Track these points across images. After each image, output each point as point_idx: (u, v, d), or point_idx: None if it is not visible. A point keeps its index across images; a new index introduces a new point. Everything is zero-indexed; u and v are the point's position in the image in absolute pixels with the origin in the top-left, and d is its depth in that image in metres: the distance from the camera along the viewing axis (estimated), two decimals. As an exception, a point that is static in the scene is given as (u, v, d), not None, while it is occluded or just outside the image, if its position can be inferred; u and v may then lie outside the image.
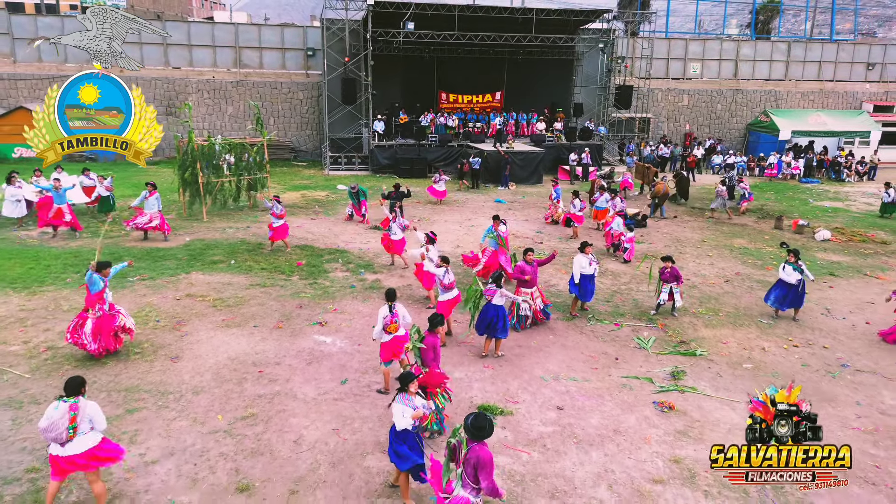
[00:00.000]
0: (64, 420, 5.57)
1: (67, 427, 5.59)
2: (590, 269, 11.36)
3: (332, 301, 11.90)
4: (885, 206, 21.04)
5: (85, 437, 5.69)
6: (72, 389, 5.73)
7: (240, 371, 8.96)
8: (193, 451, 7.01)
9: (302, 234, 16.73)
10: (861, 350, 10.43)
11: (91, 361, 9.01)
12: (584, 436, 7.57)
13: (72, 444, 5.63)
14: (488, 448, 5.20)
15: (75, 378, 5.85)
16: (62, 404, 5.64)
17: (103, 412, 6.03)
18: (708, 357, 9.95)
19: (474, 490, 5.12)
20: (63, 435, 5.58)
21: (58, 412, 5.59)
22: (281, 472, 6.71)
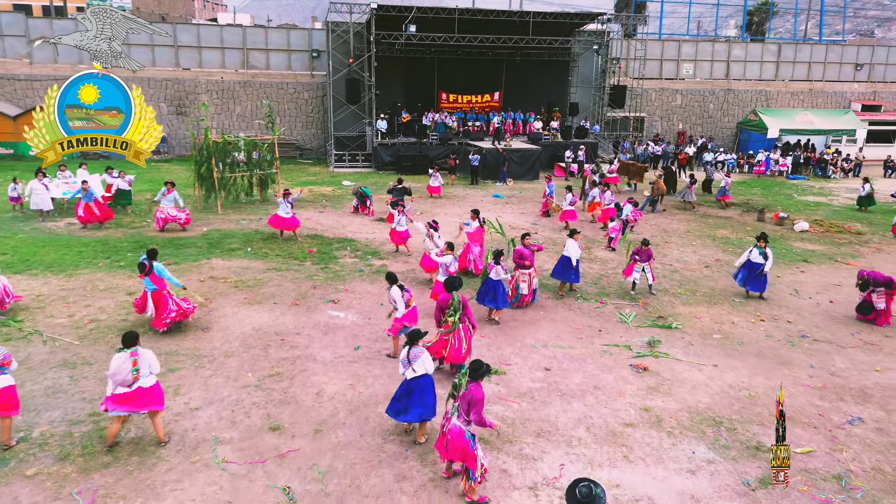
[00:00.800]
0: (127, 365, 6.70)
1: (131, 370, 6.72)
2: (579, 254, 12.50)
3: (343, 283, 13.04)
4: (862, 200, 22.18)
5: (146, 379, 6.82)
6: (130, 341, 6.86)
7: (264, 339, 10.09)
8: (230, 401, 8.14)
9: (312, 226, 17.85)
10: (821, 324, 11.56)
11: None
12: (567, 390, 8.70)
13: (139, 384, 6.76)
14: (482, 389, 6.33)
15: (131, 333, 6.98)
16: (124, 353, 6.76)
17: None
18: (682, 330, 11.08)
19: (466, 421, 6.24)
20: (129, 377, 6.71)
21: (122, 360, 6.71)
22: (306, 416, 7.84)
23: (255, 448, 7.14)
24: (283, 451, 7.07)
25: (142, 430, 7.38)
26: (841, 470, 7.05)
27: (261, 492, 6.38)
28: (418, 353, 7.07)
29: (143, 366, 6.81)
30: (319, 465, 6.83)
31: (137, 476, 6.57)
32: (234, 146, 20.08)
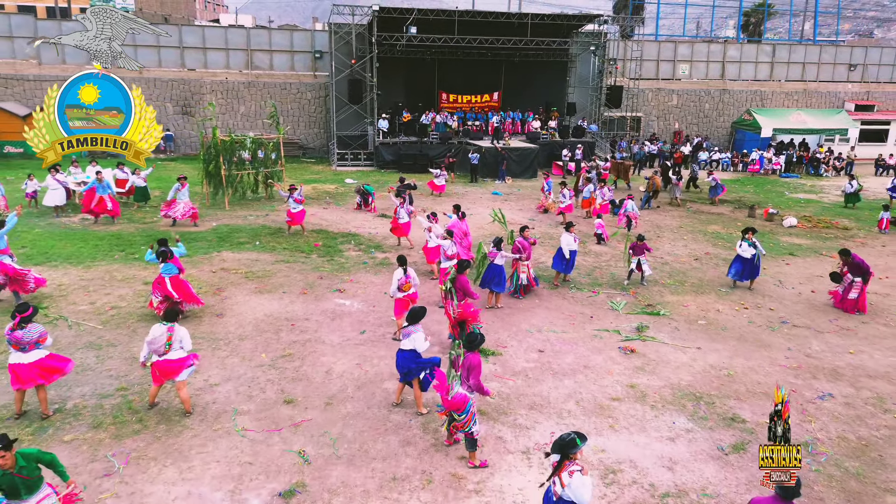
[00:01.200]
0: (163, 337, 7.36)
1: (165, 343, 7.37)
2: (574, 245, 13.16)
3: (348, 274, 13.69)
4: (849, 197, 22.81)
5: (176, 352, 7.47)
6: (170, 317, 7.52)
7: (275, 324, 10.74)
8: (246, 378, 8.78)
9: (316, 221, 18.50)
10: (801, 312, 12.20)
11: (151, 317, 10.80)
12: (559, 369, 9.34)
13: (167, 356, 7.41)
14: (479, 358, 6.98)
15: (173, 309, 7.68)
16: (163, 326, 7.42)
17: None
18: (669, 316, 11.73)
19: (468, 388, 6.89)
20: (161, 349, 7.37)
21: (160, 331, 7.37)
22: (317, 391, 8.49)
23: (271, 418, 7.79)
24: (297, 421, 7.72)
25: (167, 402, 8.02)
26: (808, 438, 7.69)
27: (278, 455, 7.03)
28: (411, 330, 7.74)
29: (176, 341, 7.47)
30: (331, 433, 7.47)
31: (165, 441, 7.21)
32: (242, 145, 20.73)
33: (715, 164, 33.00)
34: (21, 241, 15.24)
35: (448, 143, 29.86)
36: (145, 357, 7.49)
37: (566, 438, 4.97)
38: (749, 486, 6.64)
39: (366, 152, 30.51)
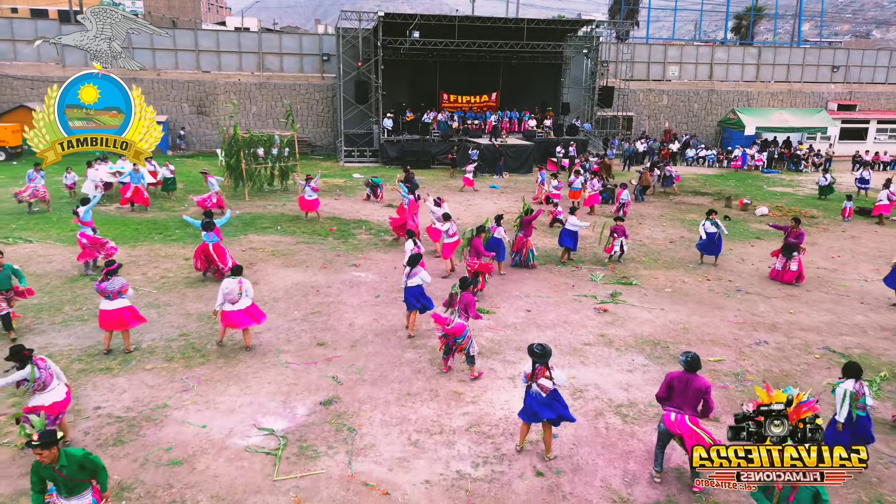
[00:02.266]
0: (235, 287, 9.25)
1: (237, 291, 9.26)
2: (581, 224, 15.09)
3: (362, 252, 15.56)
4: (822, 189, 24.68)
5: (245, 300, 9.37)
6: (237, 271, 9.49)
7: (302, 290, 12.61)
8: (283, 328, 10.65)
9: (329, 210, 20.35)
10: (756, 283, 14.06)
11: (197, 282, 12.67)
12: (542, 323, 11.20)
13: (238, 303, 9.30)
14: (472, 296, 8.87)
15: (238, 266, 9.61)
16: (234, 279, 9.32)
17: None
18: (640, 286, 13.59)
19: (465, 318, 8.77)
20: (235, 297, 9.26)
21: (232, 283, 9.27)
22: (343, 337, 10.35)
23: (307, 355, 9.65)
24: (328, 357, 9.59)
25: (229, 346, 9.89)
26: (740, 370, 9.55)
27: (316, 378, 8.89)
28: (416, 271, 9.76)
29: (245, 290, 9.38)
30: (356, 365, 9.34)
31: (226, 370, 9.08)
32: (259, 141, 22.58)
33: (701, 160, 34.86)
34: (68, 224, 17.13)
35: (449, 141, 31.70)
36: (220, 305, 9.35)
37: (547, 348, 6.85)
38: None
39: (371, 149, 32.37)
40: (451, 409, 8.18)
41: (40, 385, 6.75)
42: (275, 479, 6.60)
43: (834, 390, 7.14)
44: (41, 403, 6.69)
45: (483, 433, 7.62)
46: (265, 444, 7.26)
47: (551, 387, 6.87)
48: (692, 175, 31.14)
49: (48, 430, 5.21)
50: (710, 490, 6.57)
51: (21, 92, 32.78)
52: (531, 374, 6.93)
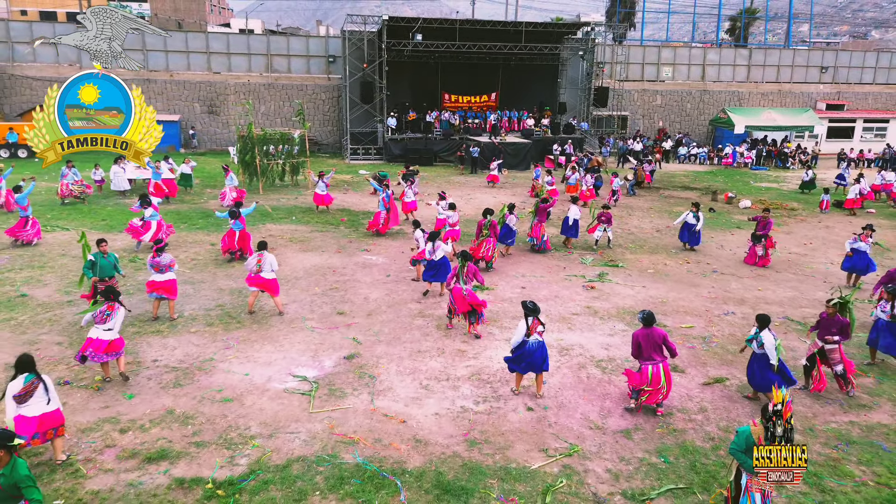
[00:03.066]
0: (254, 261, 10.64)
1: (255, 265, 10.65)
2: (579, 215, 16.52)
3: (372, 239, 16.95)
4: (804, 184, 26.07)
5: (267, 273, 10.75)
6: (261, 246, 10.81)
7: (320, 270, 13.99)
8: (306, 301, 12.03)
9: (339, 203, 21.72)
10: (731, 266, 15.45)
11: (225, 263, 14.06)
12: (536, 298, 12.53)
13: (263, 272, 10.69)
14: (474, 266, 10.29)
15: (263, 241, 10.96)
16: (256, 254, 10.69)
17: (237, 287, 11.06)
18: (625, 268, 14.98)
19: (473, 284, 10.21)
20: (254, 269, 10.66)
21: (254, 259, 10.67)
22: (360, 308, 11.73)
23: (329, 322, 11.04)
24: (348, 323, 10.97)
25: (256, 308, 11.28)
26: (707, 335, 10.93)
27: (339, 340, 10.27)
28: (439, 244, 11.22)
29: (265, 264, 10.76)
30: (373, 329, 10.73)
31: (260, 332, 10.46)
32: (272, 139, 23.99)
33: (693, 157, 36.25)
34: (99, 215, 18.54)
35: (450, 139, 33.12)
36: (250, 268, 10.76)
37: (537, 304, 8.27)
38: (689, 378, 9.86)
39: (376, 147, 33.77)
40: (455, 362, 9.56)
41: (103, 317, 8.27)
42: (311, 411, 7.98)
43: (749, 340, 8.49)
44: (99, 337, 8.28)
45: (483, 380, 9.01)
46: (300, 387, 8.64)
47: (543, 336, 8.30)
48: (683, 172, 32.55)
49: (4, 431, 5.14)
50: (671, 421, 7.96)
51: (40, 92, 34.02)
52: (529, 329, 8.30)
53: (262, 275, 10.80)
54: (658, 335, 8.00)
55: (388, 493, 6.41)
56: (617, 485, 6.70)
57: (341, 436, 7.44)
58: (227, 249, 14.36)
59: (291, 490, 6.42)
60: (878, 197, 24.44)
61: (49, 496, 6.10)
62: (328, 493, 6.39)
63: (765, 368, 8.25)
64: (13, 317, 10.82)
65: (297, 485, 6.50)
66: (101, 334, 8.23)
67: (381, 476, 6.66)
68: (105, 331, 8.24)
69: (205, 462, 6.87)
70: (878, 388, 9.12)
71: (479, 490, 6.49)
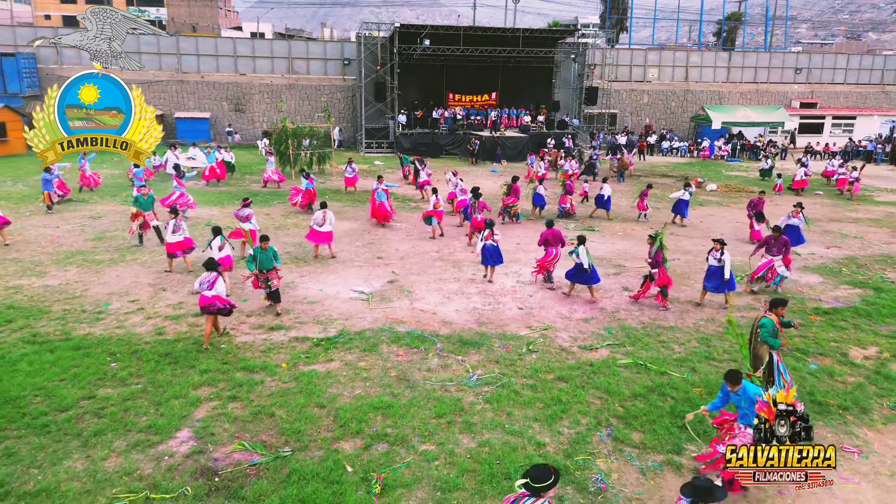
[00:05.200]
0: (320, 215, 14.34)
1: (322, 219, 14.34)
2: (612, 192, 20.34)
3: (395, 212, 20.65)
4: (763, 171, 29.76)
5: (329, 226, 14.46)
6: (324, 206, 14.52)
7: (357, 232, 17.68)
8: (351, 251, 15.69)
9: (361, 186, 25.42)
10: (688, 231, 19.12)
11: (279, 228, 17.73)
12: (527, 249, 16.23)
13: (322, 227, 14.39)
14: (484, 202, 13.99)
15: (324, 201, 14.65)
16: (321, 210, 14.39)
17: (284, 245, 14.71)
18: (601, 232, 18.66)
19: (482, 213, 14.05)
20: (320, 222, 14.35)
21: (320, 213, 14.36)
22: (393, 255, 15.41)
23: (371, 263, 14.72)
24: (387, 263, 14.66)
25: (319, 258, 14.97)
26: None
27: (381, 272, 13.96)
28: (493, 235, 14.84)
29: (328, 218, 14.45)
30: (405, 266, 14.41)
31: (323, 268, 14.13)
32: (302, 132, 27.65)
33: (675, 151, 39.92)
34: (166, 192, 22.21)
35: (455, 134, 36.78)
36: (317, 221, 14.45)
37: (493, 221, 11.98)
38: (618, 288, 13.57)
39: (387, 142, 37.44)
40: (467, 286, 13.24)
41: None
42: (370, 307, 11.67)
43: (570, 253, 12.42)
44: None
45: (487, 294, 12.69)
46: (360, 296, 12.32)
47: (497, 242, 12.16)
48: (665, 163, 36.23)
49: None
50: (617, 315, 11.64)
51: (84, 92, 37.75)
52: (486, 236, 12.17)
53: (323, 228, 14.48)
54: (557, 232, 12.79)
55: (428, 344, 10.09)
56: (575, 343, 10.39)
57: (394, 319, 11.13)
58: (307, 203, 18.20)
59: (367, 343, 10.10)
60: (829, 182, 28.12)
61: (216, 344, 9.79)
62: (391, 344, 10.07)
63: (582, 271, 12.34)
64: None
65: (370, 341, 10.18)
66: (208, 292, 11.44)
67: (423, 337, 10.34)
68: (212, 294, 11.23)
69: (307, 331, 10.56)
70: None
71: (486, 343, 10.18)
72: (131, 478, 6.52)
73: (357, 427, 7.49)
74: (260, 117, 40.02)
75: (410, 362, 9.42)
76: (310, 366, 9.24)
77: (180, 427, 7.49)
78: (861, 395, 8.66)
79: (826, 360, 9.84)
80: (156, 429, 7.40)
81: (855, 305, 12.46)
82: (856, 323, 11.52)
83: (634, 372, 9.31)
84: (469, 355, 9.75)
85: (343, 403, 8.09)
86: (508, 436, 7.47)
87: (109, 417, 7.63)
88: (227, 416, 7.73)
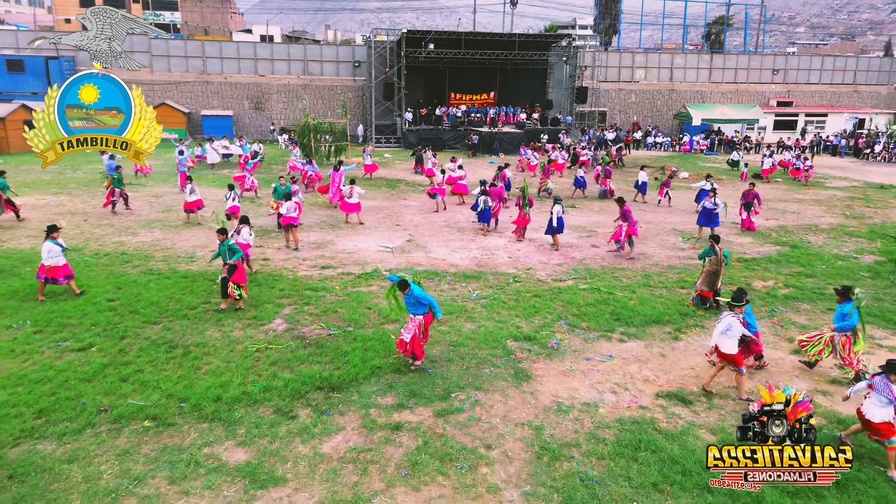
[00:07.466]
0: (348, 188, 17.90)
1: (350, 192, 17.89)
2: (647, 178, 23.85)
3: (405, 195, 24.19)
4: (732, 163, 33.31)
5: (356, 198, 18.04)
6: (351, 181, 18.08)
7: (376, 209, 21.21)
8: (373, 221, 19.21)
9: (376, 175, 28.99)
10: (660, 210, 22.64)
11: (314, 204, 21.28)
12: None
13: (351, 199, 17.95)
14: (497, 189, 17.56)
15: (353, 178, 18.20)
16: (349, 185, 17.94)
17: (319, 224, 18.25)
18: (581, 209, 22.20)
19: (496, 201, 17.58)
20: (347, 193, 17.91)
21: (348, 187, 17.90)
22: (409, 222, 18.95)
23: (391, 229, 18.27)
24: (403, 230, 18.21)
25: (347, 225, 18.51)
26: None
27: (400, 234, 17.49)
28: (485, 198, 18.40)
29: (355, 191, 18.00)
30: (419, 231, 17.95)
31: (352, 231, 17.67)
32: (323, 128, 31.19)
33: (658, 145, 43.46)
34: (205, 180, 25.77)
35: (456, 130, 40.32)
36: (346, 194, 18.00)
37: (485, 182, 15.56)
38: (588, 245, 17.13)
39: (395, 137, 40.99)
40: (470, 245, 16.79)
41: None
42: (395, 255, 15.23)
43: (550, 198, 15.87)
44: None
45: (485, 249, 16.24)
46: (386, 250, 15.87)
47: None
48: (648, 157, 39.73)
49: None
50: (587, 265, 15.20)
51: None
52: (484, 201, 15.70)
53: (351, 200, 18.03)
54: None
55: (440, 279, 13.64)
56: (550, 277, 13.94)
57: (414, 263, 14.69)
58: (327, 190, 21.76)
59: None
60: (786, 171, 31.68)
61: (281, 274, 13.36)
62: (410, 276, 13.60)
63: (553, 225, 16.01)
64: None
65: (396, 273, 13.72)
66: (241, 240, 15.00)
67: (437, 273, 13.89)
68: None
69: (348, 269, 14.11)
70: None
71: (483, 277, 13.73)
72: (251, 340, 10.06)
73: (395, 317, 11.02)
74: (278, 115, 43.56)
75: (427, 286, 12.94)
76: (356, 288, 12.79)
77: (274, 318, 11.02)
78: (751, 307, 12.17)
79: (732, 287, 13.37)
80: (259, 318, 10.95)
81: (770, 256, 16.02)
82: (766, 267, 15.08)
83: (590, 293, 12.85)
84: (470, 283, 13.30)
85: (384, 307, 11.63)
86: (497, 323, 11.01)
87: (225, 313, 11.18)
88: (305, 313, 11.28)
